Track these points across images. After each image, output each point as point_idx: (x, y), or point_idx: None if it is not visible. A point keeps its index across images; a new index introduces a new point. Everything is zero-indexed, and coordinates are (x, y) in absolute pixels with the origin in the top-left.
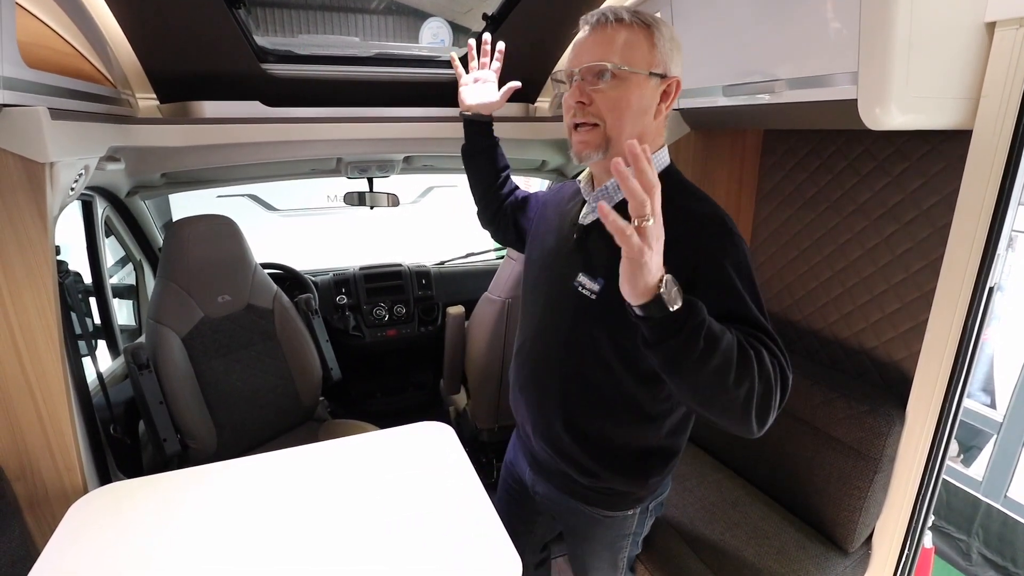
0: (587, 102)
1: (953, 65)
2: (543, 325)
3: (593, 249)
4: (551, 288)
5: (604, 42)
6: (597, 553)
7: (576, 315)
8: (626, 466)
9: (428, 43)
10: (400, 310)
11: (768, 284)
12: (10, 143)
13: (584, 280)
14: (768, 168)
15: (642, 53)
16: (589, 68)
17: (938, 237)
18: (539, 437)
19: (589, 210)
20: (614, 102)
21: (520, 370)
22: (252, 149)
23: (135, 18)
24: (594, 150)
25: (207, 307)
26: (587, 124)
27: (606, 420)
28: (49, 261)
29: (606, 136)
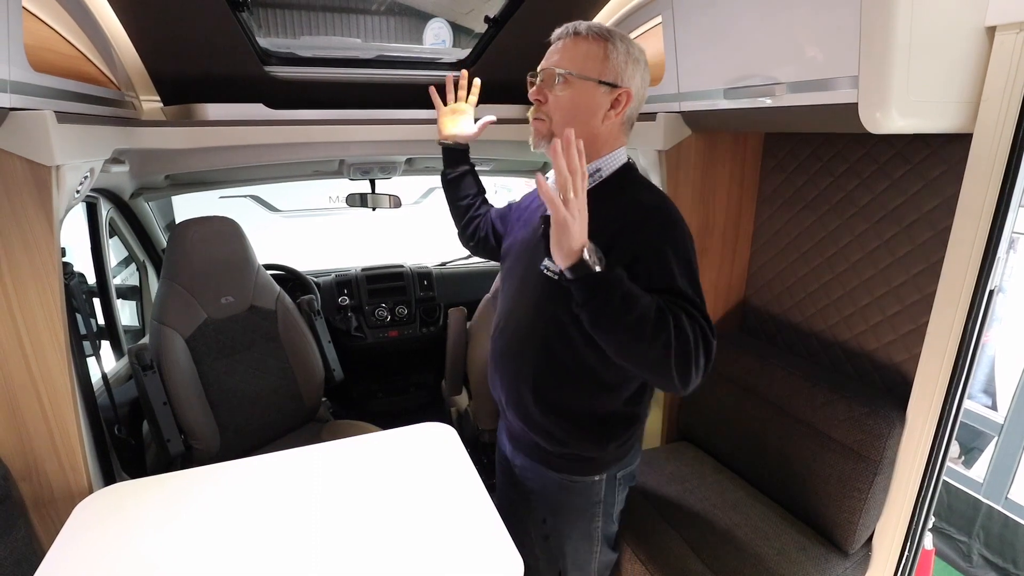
0: (543, 100)
1: (953, 69)
2: (515, 307)
3: None
4: (523, 274)
5: (562, 51)
6: (571, 522)
7: (543, 295)
8: (589, 432)
9: (431, 44)
10: (402, 311)
11: (769, 286)
12: (17, 146)
13: (549, 264)
14: (769, 171)
15: (594, 63)
16: (546, 72)
17: (939, 240)
18: (512, 410)
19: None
20: (560, 102)
21: (496, 350)
22: (255, 151)
23: (139, 21)
24: (542, 139)
25: (210, 308)
26: (540, 118)
27: (570, 390)
28: (55, 263)
29: (551, 132)
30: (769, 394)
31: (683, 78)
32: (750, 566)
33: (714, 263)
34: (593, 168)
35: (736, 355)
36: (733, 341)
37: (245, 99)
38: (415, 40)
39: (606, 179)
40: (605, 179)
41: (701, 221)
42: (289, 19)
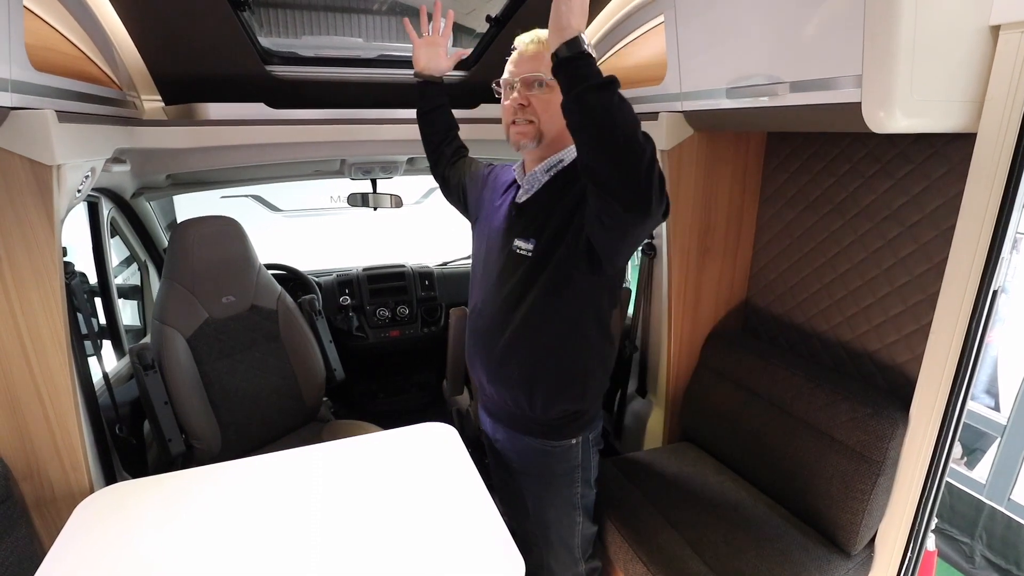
0: (525, 104)
1: (957, 68)
2: (491, 286)
3: (527, 220)
4: (497, 255)
5: (538, 58)
6: (555, 488)
7: (515, 270)
8: (569, 388)
9: None
10: (403, 311)
11: (771, 286)
12: (18, 145)
13: (519, 243)
14: (771, 170)
15: None
16: (526, 78)
17: (942, 240)
18: (492, 382)
19: (523, 192)
20: (546, 104)
21: (476, 330)
22: (256, 150)
23: (141, 21)
24: (530, 140)
25: (212, 308)
26: (525, 121)
27: (548, 355)
28: (56, 262)
29: (540, 130)
30: (771, 395)
31: (685, 77)
32: (752, 567)
33: (716, 263)
34: (557, 159)
35: (738, 355)
36: (735, 341)
37: (246, 98)
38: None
39: (567, 166)
40: (566, 166)
41: (703, 221)
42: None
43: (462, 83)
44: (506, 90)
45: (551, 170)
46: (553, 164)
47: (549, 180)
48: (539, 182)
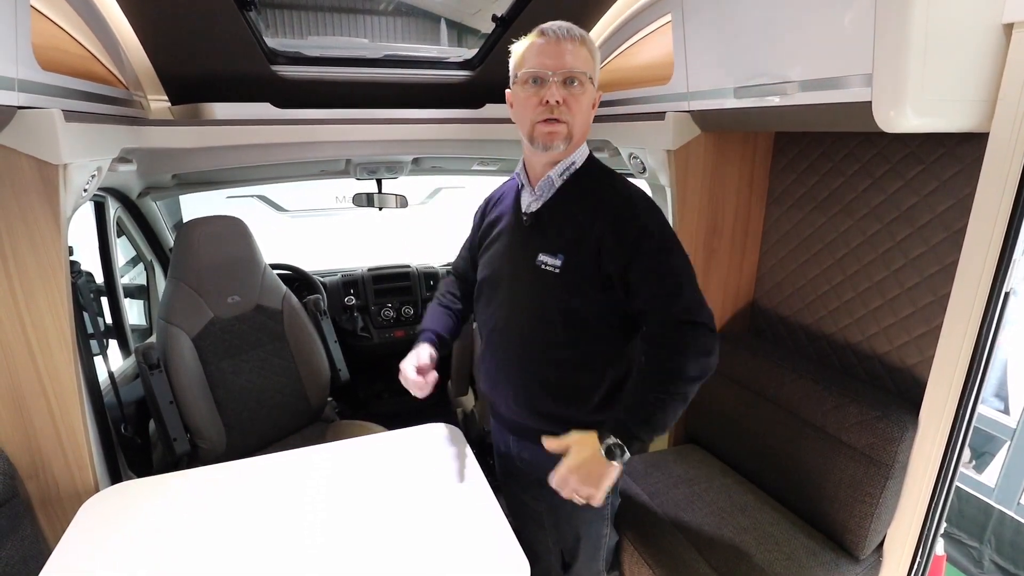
0: (562, 101)
1: (970, 67)
2: (514, 306)
3: (547, 230)
4: (515, 272)
5: (572, 53)
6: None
7: (544, 289)
8: (603, 402)
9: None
10: (408, 311)
11: (779, 287)
12: (25, 145)
13: (545, 258)
14: (779, 170)
15: (591, 65)
16: (567, 74)
17: (952, 241)
18: (522, 406)
19: (533, 198)
20: (581, 104)
21: (497, 352)
22: (262, 150)
23: (147, 21)
24: (562, 140)
25: (217, 308)
26: (561, 120)
27: (582, 373)
28: (62, 262)
29: (571, 131)
30: (778, 397)
31: (692, 77)
32: (759, 571)
33: (723, 264)
34: (570, 162)
35: (745, 357)
36: (742, 343)
37: (252, 98)
38: (422, 40)
39: (579, 169)
40: (578, 169)
41: (710, 221)
42: (297, 19)
43: (468, 83)
44: (531, 85)
45: (564, 173)
46: (566, 167)
47: (562, 184)
48: (553, 187)
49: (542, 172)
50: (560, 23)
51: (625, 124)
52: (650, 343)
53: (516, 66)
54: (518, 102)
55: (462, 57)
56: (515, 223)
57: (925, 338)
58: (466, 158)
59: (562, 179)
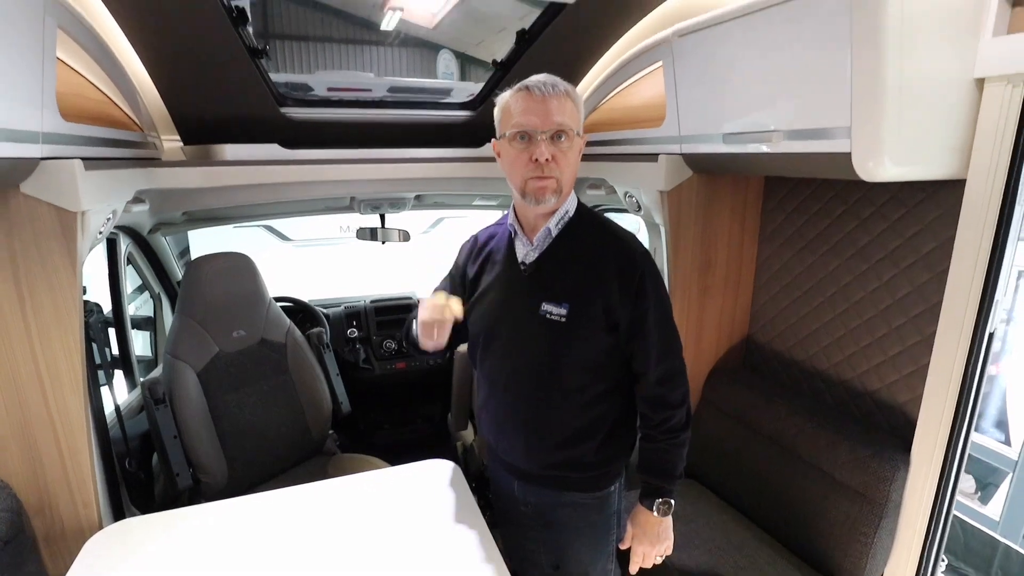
0: (551, 159)
1: (944, 119)
2: (520, 356)
3: (548, 279)
4: (518, 322)
5: (560, 109)
6: (592, 538)
7: (550, 339)
8: (618, 443)
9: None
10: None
11: (773, 323)
12: (46, 194)
13: (550, 307)
14: (770, 210)
15: (576, 119)
16: (555, 130)
17: (937, 282)
18: (533, 455)
19: (531, 248)
20: (569, 160)
21: (504, 402)
22: (270, 189)
23: (163, 67)
24: (553, 194)
25: (222, 342)
26: (550, 176)
27: (594, 416)
28: (77, 303)
29: (560, 185)
30: (773, 433)
31: (684, 121)
32: None
33: (716, 299)
34: (564, 211)
35: (740, 392)
36: (736, 377)
37: (261, 139)
38: (426, 71)
39: (572, 217)
40: (572, 217)
41: (703, 259)
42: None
43: (468, 122)
44: (519, 142)
45: (559, 223)
46: (561, 217)
47: (559, 233)
48: (550, 237)
49: (537, 223)
50: (545, 78)
51: (620, 164)
52: (648, 402)
53: (503, 120)
54: (508, 158)
55: (465, 97)
56: (512, 273)
57: (914, 376)
58: (468, 194)
59: (558, 228)
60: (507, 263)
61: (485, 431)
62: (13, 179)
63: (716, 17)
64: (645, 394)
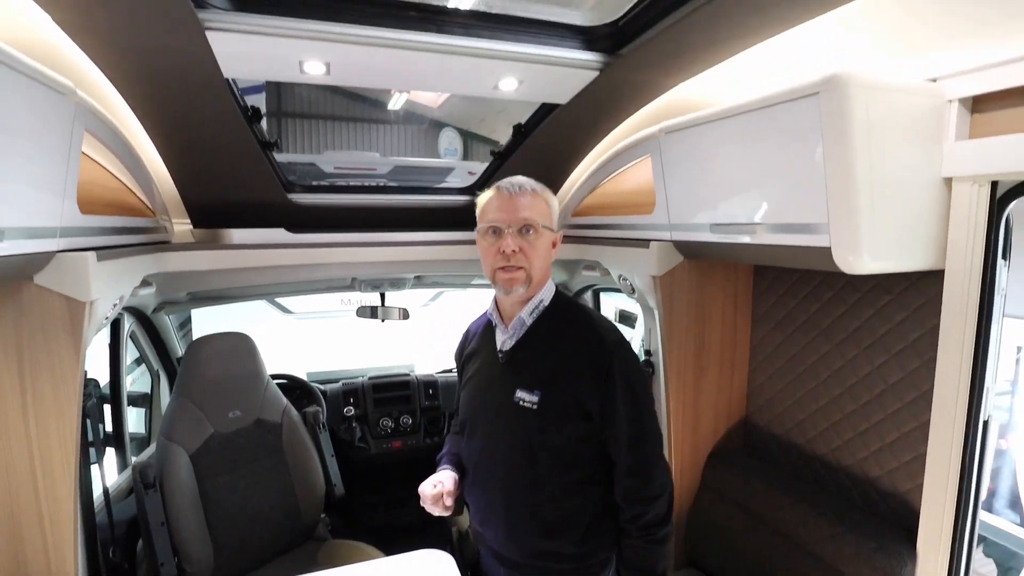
0: (518, 250)
1: (918, 214)
2: (497, 442)
3: (522, 367)
4: (496, 409)
5: (527, 206)
6: None
7: (524, 425)
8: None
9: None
10: (406, 420)
11: (770, 405)
12: (58, 284)
13: (523, 395)
14: (761, 292)
15: (546, 215)
16: (523, 224)
17: (927, 369)
18: (512, 542)
19: (507, 336)
20: (537, 252)
21: (484, 488)
22: (275, 271)
23: (179, 157)
24: (521, 284)
25: (218, 422)
26: (516, 267)
27: (573, 504)
28: (77, 392)
29: (529, 275)
30: (777, 521)
31: (673, 210)
32: None
33: (713, 381)
34: (538, 300)
35: (741, 477)
36: (737, 462)
37: (268, 223)
38: (430, 147)
39: (547, 306)
40: (547, 306)
41: (697, 340)
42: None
43: (467, 207)
44: (491, 236)
45: (534, 312)
46: (535, 306)
47: (534, 322)
48: (524, 326)
49: (513, 311)
50: (515, 179)
51: (614, 248)
52: (620, 494)
53: (479, 217)
54: (482, 249)
55: (464, 183)
56: (491, 361)
57: (914, 464)
58: (467, 275)
59: (532, 317)
60: (488, 351)
61: (472, 517)
62: (28, 272)
63: (700, 118)
64: (617, 485)
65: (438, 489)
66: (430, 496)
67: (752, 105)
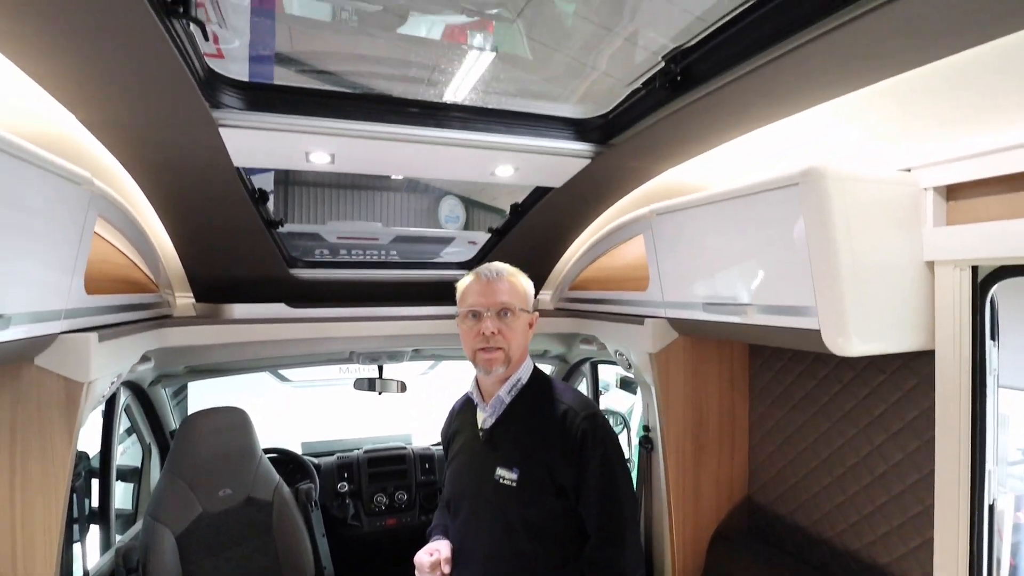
0: (497, 332)
1: (905, 297)
2: (480, 519)
3: (501, 445)
4: (478, 486)
5: (504, 290)
6: None
7: (504, 502)
8: None
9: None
10: (401, 496)
11: (773, 484)
12: (58, 366)
13: (503, 472)
14: (757, 369)
15: (521, 298)
16: (501, 307)
17: (927, 450)
18: None
19: (487, 415)
20: (515, 333)
21: (468, 565)
22: (273, 345)
23: (185, 235)
24: (501, 364)
25: (207, 502)
26: (495, 348)
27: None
28: (67, 472)
29: (508, 355)
30: None
31: (666, 288)
32: None
33: (712, 457)
34: (516, 379)
35: (746, 562)
36: (741, 545)
37: (269, 298)
38: (432, 214)
39: (525, 384)
40: (524, 384)
41: (695, 417)
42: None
43: None
44: (471, 319)
45: (512, 390)
46: (513, 384)
47: (512, 400)
48: (503, 404)
49: (492, 390)
50: (492, 266)
51: (610, 323)
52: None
53: (459, 302)
54: (462, 332)
55: (464, 258)
56: (473, 439)
57: (922, 550)
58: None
59: (511, 395)
60: (470, 429)
61: None
62: (30, 354)
63: (689, 201)
64: (587, 556)
65: (435, 557)
66: (427, 565)
67: (738, 192)
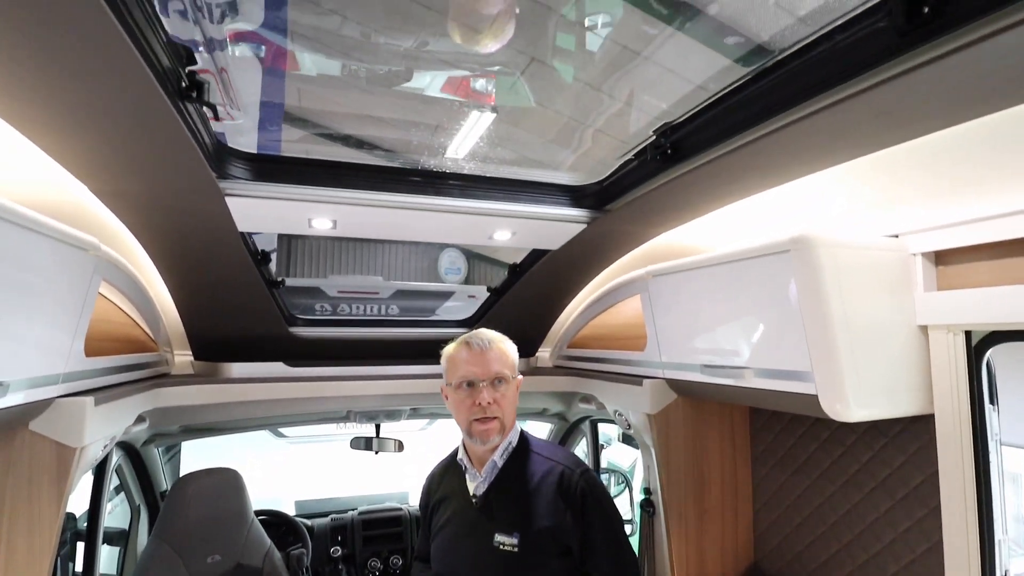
0: (493, 402)
1: (901, 361)
2: None
3: (497, 511)
4: (476, 556)
5: (496, 359)
6: None
7: (506, 568)
8: None
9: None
10: (396, 561)
11: (778, 551)
12: (51, 431)
13: (502, 539)
14: (758, 429)
15: (511, 364)
16: (495, 376)
17: (934, 518)
18: None
19: (480, 480)
20: (508, 400)
21: None
22: (271, 404)
23: (187, 293)
24: (497, 433)
25: (195, 569)
26: (492, 417)
27: None
28: (53, 540)
29: (503, 424)
30: None
31: (664, 349)
32: None
33: (715, 520)
34: (507, 443)
35: None
36: None
37: (268, 357)
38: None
39: (515, 447)
40: (515, 447)
41: (696, 479)
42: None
43: None
44: (465, 388)
45: (504, 453)
46: (505, 448)
47: (505, 463)
48: (496, 468)
49: (484, 456)
50: (481, 334)
51: (608, 383)
52: None
53: (449, 370)
54: (455, 402)
55: (464, 315)
56: (464, 506)
57: None
58: None
59: (503, 459)
60: (460, 497)
61: None
62: (25, 420)
63: (684, 264)
64: None
65: None
66: None
67: (732, 256)
